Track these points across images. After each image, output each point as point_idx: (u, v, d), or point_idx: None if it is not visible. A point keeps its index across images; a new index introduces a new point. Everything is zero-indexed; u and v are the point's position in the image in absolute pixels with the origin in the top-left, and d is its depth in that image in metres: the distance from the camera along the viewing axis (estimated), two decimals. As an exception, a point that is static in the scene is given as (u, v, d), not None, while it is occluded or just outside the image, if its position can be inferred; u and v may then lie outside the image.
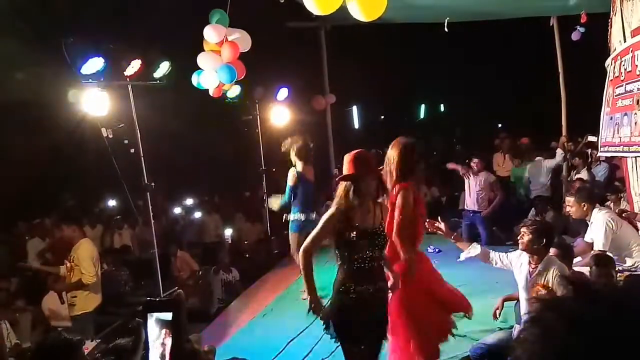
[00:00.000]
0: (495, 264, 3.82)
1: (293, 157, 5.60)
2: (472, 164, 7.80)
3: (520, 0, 6.73)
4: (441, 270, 4.08)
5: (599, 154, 5.60)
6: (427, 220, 3.90)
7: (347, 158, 3.06)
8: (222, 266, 6.94)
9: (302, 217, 5.55)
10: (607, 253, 4.47)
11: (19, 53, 6.43)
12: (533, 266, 3.51)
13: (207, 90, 6.37)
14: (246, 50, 5.79)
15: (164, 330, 2.31)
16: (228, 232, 7.69)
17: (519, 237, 3.57)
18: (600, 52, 5.64)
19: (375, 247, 3.02)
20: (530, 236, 3.46)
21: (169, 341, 2.30)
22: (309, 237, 3.08)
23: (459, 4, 6.81)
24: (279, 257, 7.32)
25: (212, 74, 5.69)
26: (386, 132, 16.83)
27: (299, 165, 5.59)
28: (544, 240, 3.45)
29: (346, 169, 3.05)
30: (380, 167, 3.33)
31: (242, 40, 5.76)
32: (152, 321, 2.33)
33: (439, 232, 3.91)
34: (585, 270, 4.01)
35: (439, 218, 4.08)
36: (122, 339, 2.85)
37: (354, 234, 2.94)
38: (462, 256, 3.92)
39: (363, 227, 2.98)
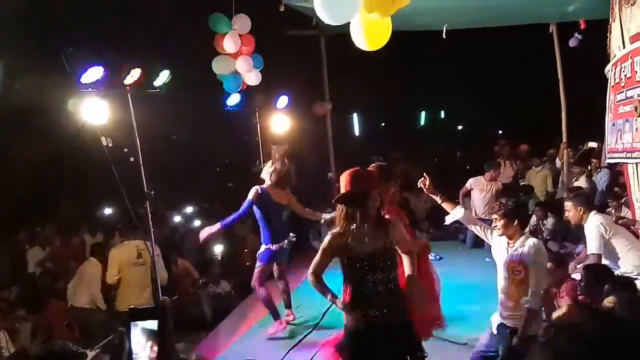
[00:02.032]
0: (477, 231, 3.88)
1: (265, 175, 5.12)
2: (489, 173, 7.82)
3: (519, 8, 6.75)
4: (443, 278, 4.06)
5: (606, 161, 5.59)
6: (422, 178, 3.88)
7: (344, 176, 2.92)
8: (210, 279, 6.96)
9: (273, 247, 5.01)
10: (603, 258, 4.49)
11: (19, 62, 6.46)
12: (511, 245, 3.53)
13: (208, 97, 6.42)
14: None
15: (149, 342, 2.27)
16: (218, 249, 7.63)
17: (493, 225, 3.62)
18: (599, 58, 5.64)
19: (379, 270, 2.86)
20: (502, 221, 3.51)
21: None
22: (313, 263, 2.99)
23: (457, 11, 6.83)
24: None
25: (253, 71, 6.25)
26: (387, 139, 16.87)
27: (267, 185, 5.05)
28: (516, 221, 3.49)
29: (343, 185, 2.91)
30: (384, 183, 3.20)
31: (245, 23, 6.07)
32: (138, 331, 2.29)
33: (425, 190, 3.92)
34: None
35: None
36: (100, 351, 2.79)
37: (353, 258, 2.84)
38: (448, 219, 3.94)
39: (363, 250, 2.84)
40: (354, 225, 2.83)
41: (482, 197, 7.79)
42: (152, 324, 2.27)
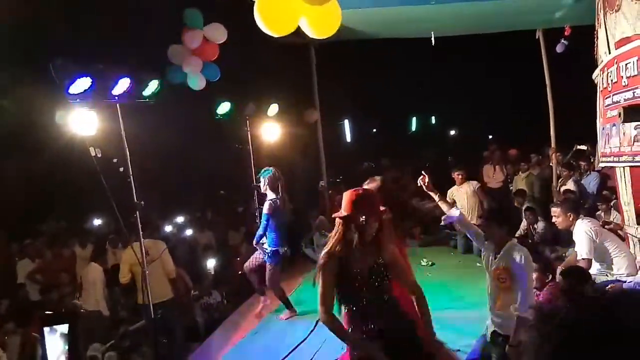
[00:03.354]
0: (470, 235, 3.94)
1: (264, 187, 5.72)
2: (454, 176, 7.91)
3: (506, 15, 6.82)
4: (435, 283, 4.07)
5: (600, 164, 5.63)
6: (422, 176, 3.95)
7: (347, 196, 2.82)
8: (202, 293, 6.94)
9: (281, 250, 5.64)
10: (593, 262, 4.53)
11: (6, 73, 6.41)
12: (497, 251, 3.56)
13: (198, 107, 6.41)
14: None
15: (66, 346, 2.26)
16: (211, 263, 7.59)
17: (479, 229, 3.71)
18: (586, 63, 5.71)
19: (371, 286, 2.79)
20: (484, 223, 3.59)
21: None
22: (319, 301, 2.80)
23: (445, 19, 6.89)
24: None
25: (199, 76, 6.11)
26: (378, 145, 16.92)
27: (271, 195, 5.68)
28: (496, 225, 3.53)
29: (345, 208, 2.80)
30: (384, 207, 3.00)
31: (219, 33, 6.11)
32: (57, 336, 2.28)
33: (425, 188, 4.03)
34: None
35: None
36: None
37: (348, 277, 2.76)
38: (443, 219, 4.04)
39: (355, 266, 2.77)
40: (348, 246, 2.76)
41: (461, 204, 7.83)
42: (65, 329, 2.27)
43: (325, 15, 3.69)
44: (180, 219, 10.23)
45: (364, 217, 2.72)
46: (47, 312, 2.47)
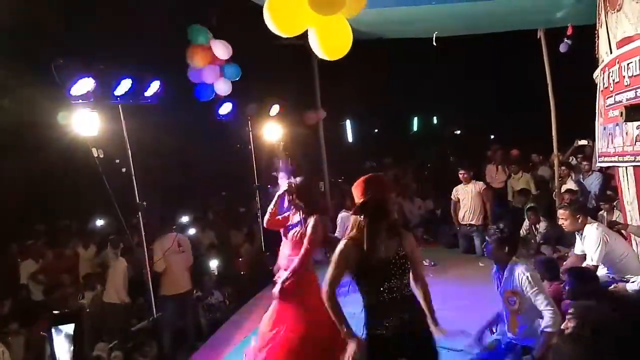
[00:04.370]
0: None
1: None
2: (459, 175, 7.92)
3: (507, 15, 6.80)
4: (438, 285, 4.05)
5: (597, 164, 5.61)
6: None
7: (357, 185, 2.82)
8: (205, 294, 6.98)
9: None
10: (601, 266, 4.51)
11: (9, 74, 6.43)
12: (502, 273, 3.58)
13: (199, 107, 6.43)
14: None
15: (72, 346, 2.28)
16: (214, 263, 7.61)
17: (483, 246, 3.69)
18: (587, 63, 5.70)
19: (393, 277, 2.78)
20: (492, 245, 3.58)
21: None
22: (325, 279, 2.82)
23: (446, 19, 6.88)
24: (273, 274, 7.27)
25: (222, 80, 6.28)
26: (379, 145, 16.91)
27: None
28: (506, 249, 3.56)
29: (357, 195, 2.80)
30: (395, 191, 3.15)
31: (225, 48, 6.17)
32: (62, 336, 2.30)
33: None
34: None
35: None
36: None
37: (368, 266, 2.75)
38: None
39: (377, 258, 2.76)
40: (369, 233, 2.75)
41: (464, 203, 7.86)
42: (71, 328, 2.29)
43: (334, 35, 3.67)
44: (182, 219, 10.24)
45: (377, 198, 2.73)
46: (54, 312, 2.48)
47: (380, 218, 2.76)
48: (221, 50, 6.04)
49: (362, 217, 2.78)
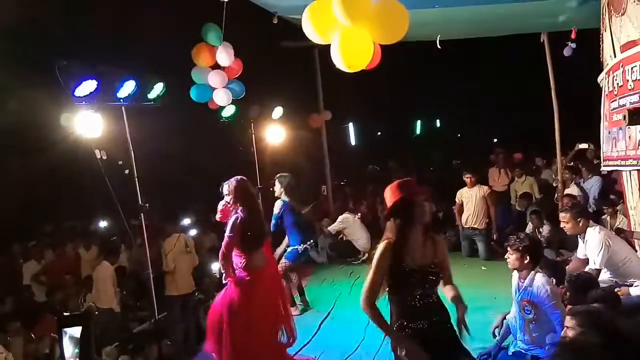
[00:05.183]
0: None
1: (279, 190, 5.99)
2: (464, 178, 7.91)
3: (510, 18, 6.79)
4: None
5: (602, 168, 5.60)
6: None
7: (389, 189, 2.89)
8: (207, 297, 6.97)
9: (301, 248, 5.88)
10: (604, 270, 4.48)
11: (12, 76, 6.46)
12: (522, 281, 3.57)
13: (202, 109, 6.41)
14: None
15: (77, 350, 2.27)
16: (216, 266, 7.61)
17: (505, 256, 3.68)
18: (591, 67, 5.68)
19: (427, 284, 2.82)
20: (514, 255, 3.57)
21: None
22: (365, 285, 2.79)
23: (450, 23, 6.88)
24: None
25: (225, 91, 6.20)
26: (383, 148, 16.90)
27: (285, 198, 5.94)
28: (528, 258, 3.56)
29: (389, 198, 2.85)
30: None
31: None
32: (67, 339, 2.29)
33: None
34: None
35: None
36: None
37: (405, 270, 2.75)
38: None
39: (414, 263, 2.77)
40: (404, 235, 2.77)
41: (468, 206, 7.85)
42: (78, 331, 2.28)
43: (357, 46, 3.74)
44: (184, 221, 10.25)
45: (409, 201, 2.77)
46: (65, 314, 2.48)
47: (412, 220, 2.78)
48: (225, 57, 6.03)
49: (395, 220, 2.80)
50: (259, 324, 4.08)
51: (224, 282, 4.27)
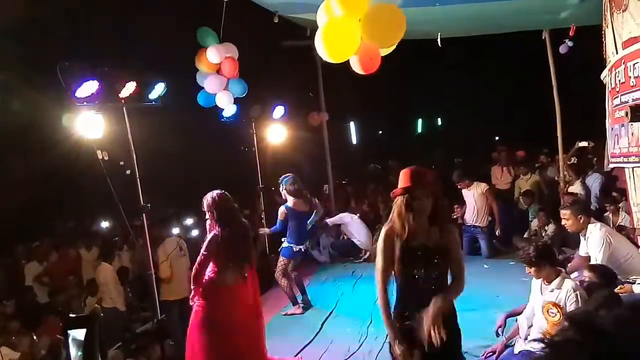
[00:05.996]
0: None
1: (283, 193, 5.93)
2: (460, 187, 7.90)
3: (511, 15, 6.78)
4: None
5: (610, 165, 5.61)
6: None
7: (404, 172, 2.89)
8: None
9: (295, 248, 5.92)
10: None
11: (14, 77, 6.47)
12: (546, 284, 3.55)
13: (203, 109, 6.43)
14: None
15: (80, 352, 2.25)
16: None
17: (527, 271, 3.65)
18: (593, 63, 5.66)
19: (427, 266, 2.79)
20: (533, 268, 3.55)
21: None
22: (376, 269, 2.85)
23: (451, 21, 6.86)
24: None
25: (225, 93, 6.19)
26: (384, 147, 16.89)
27: (290, 201, 5.89)
28: (544, 265, 3.54)
29: (402, 182, 2.86)
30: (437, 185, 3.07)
31: (234, 51, 6.16)
32: (69, 341, 2.27)
33: None
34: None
35: None
36: None
37: (403, 248, 2.77)
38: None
39: (414, 242, 2.78)
40: (409, 219, 2.76)
41: (468, 205, 7.84)
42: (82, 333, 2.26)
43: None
44: (185, 221, 10.25)
45: (418, 186, 2.77)
46: (71, 315, 2.46)
47: (422, 204, 2.77)
48: (215, 55, 6.04)
49: (399, 200, 2.80)
50: (232, 340, 3.99)
51: (190, 303, 4.14)
